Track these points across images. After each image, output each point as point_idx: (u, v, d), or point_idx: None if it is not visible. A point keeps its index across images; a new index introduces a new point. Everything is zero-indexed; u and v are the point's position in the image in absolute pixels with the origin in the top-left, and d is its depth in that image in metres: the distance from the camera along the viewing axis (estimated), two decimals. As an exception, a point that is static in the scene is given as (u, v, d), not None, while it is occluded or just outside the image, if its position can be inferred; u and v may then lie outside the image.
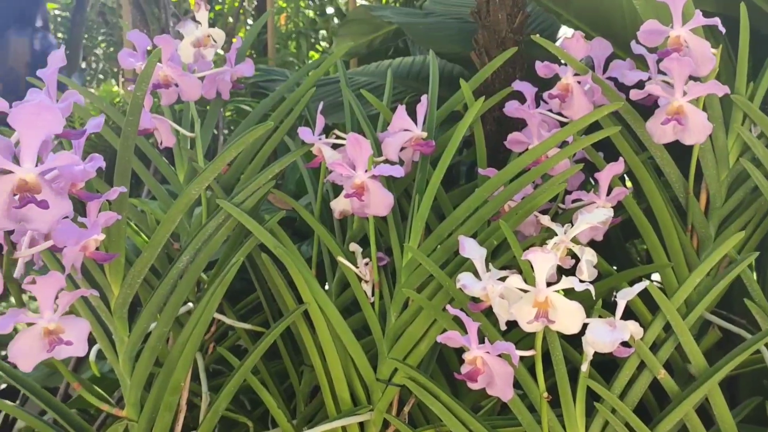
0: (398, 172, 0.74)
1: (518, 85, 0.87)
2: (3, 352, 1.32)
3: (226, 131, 1.52)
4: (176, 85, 0.89)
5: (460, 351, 0.67)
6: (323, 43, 3.44)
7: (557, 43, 0.93)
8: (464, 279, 0.66)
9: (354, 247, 0.82)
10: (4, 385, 1.34)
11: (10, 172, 0.52)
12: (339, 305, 0.81)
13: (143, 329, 0.76)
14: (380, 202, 0.76)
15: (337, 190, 0.92)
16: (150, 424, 0.77)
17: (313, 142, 0.82)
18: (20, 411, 0.74)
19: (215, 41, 0.94)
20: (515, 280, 0.63)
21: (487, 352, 0.64)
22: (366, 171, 0.75)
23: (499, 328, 0.66)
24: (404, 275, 0.78)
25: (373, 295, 0.80)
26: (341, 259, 0.80)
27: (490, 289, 0.65)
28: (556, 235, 0.68)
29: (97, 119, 0.62)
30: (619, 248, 1.07)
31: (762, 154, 0.76)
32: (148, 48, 0.87)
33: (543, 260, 0.62)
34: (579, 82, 0.81)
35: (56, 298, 0.61)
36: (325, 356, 0.78)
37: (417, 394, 0.72)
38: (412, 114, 0.81)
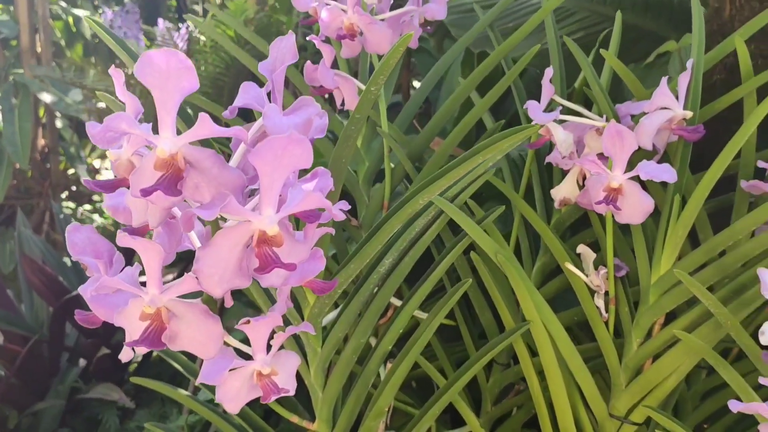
0: (671, 176, 0.58)
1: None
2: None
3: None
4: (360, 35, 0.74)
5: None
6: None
7: None
8: (773, 332, 0.51)
9: (583, 249, 0.68)
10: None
11: (246, 220, 0.39)
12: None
13: (337, 339, 0.66)
14: (637, 208, 0.60)
15: (550, 174, 0.77)
16: (343, 442, 0.68)
17: (544, 122, 0.65)
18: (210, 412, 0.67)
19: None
20: None
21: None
22: (625, 172, 0.59)
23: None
24: (654, 294, 0.64)
25: (607, 311, 0.66)
26: (570, 266, 0.66)
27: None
28: None
29: (323, 120, 0.48)
30: None
31: None
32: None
33: None
34: None
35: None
36: (548, 381, 0.66)
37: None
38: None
